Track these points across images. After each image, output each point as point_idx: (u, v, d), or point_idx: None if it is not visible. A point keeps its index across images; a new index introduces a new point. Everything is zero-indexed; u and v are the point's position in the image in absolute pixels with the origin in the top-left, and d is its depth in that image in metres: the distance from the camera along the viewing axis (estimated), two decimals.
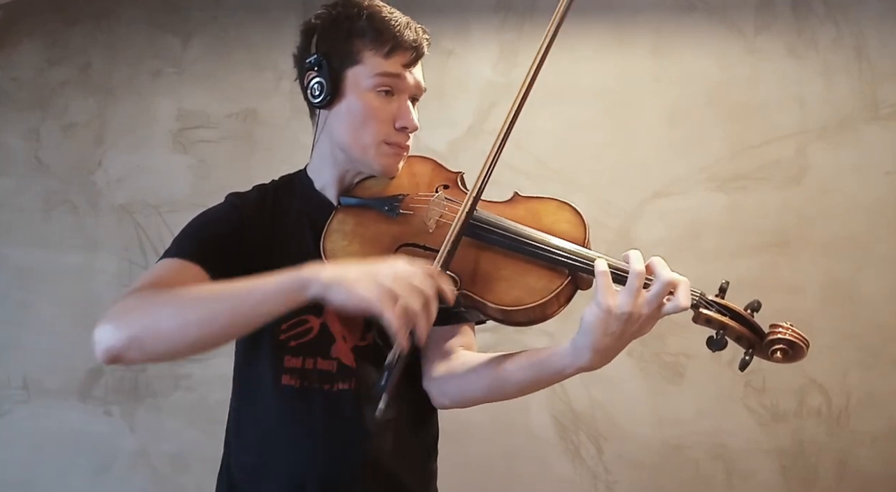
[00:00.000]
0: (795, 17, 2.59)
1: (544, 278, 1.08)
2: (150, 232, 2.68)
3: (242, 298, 0.98)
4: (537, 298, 1.07)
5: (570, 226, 1.14)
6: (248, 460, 1.21)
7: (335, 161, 1.22)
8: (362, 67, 1.16)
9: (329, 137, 1.21)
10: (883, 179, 2.52)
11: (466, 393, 1.18)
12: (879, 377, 2.45)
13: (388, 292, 0.93)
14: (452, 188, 1.22)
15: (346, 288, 0.95)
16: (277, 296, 0.97)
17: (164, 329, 0.99)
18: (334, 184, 1.24)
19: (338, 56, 1.17)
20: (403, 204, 1.18)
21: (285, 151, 2.65)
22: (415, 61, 1.19)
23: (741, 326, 1.06)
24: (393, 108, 1.17)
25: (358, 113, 1.17)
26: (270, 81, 2.70)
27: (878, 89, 2.55)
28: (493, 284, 1.10)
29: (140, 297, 1.04)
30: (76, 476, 2.64)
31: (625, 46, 2.60)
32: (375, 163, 1.19)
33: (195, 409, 2.62)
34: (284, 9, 2.72)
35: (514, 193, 1.21)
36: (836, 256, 2.50)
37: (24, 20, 2.78)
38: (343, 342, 1.19)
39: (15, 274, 2.71)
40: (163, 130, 2.73)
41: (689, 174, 2.57)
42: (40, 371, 2.68)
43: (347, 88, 1.17)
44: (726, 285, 1.10)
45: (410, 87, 1.19)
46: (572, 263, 1.07)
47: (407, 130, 1.19)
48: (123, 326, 1.00)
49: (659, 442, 2.51)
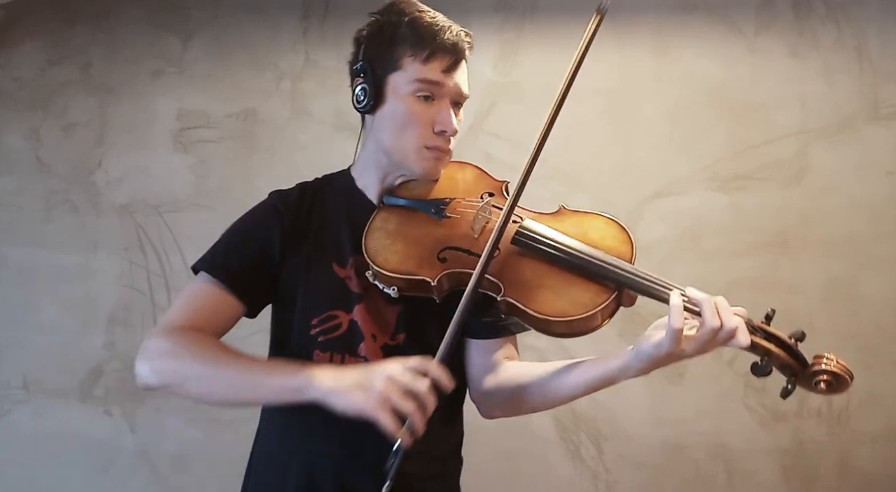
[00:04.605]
0: (796, 17, 2.58)
1: (590, 292, 1.09)
2: (150, 232, 2.68)
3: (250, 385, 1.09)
4: (582, 311, 1.08)
5: (616, 242, 1.15)
6: (270, 449, 1.27)
7: (378, 163, 1.25)
8: (402, 73, 1.19)
9: (373, 140, 1.25)
10: (884, 180, 2.52)
11: (518, 406, 1.23)
12: (880, 377, 2.44)
13: (381, 399, 0.99)
14: (497, 196, 1.24)
15: (343, 397, 1.01)
16: (282, 393, 1.07)
17: (190, 389, 1.12)
18: (377, 184, 1.26)
19: (380, 62, 1.20)
20: (450, 207, 1.20)
21: (285, 150, 2.65)
22: (454, 66, 1.20)
23: (786, 354, 1.08)
24: (432, 113, 1.19)
25: (399, 118, 1.19)
26: (270, 81, 2.70)
27: (879, 89, 2.54)
28: (537, 293, 1.10)
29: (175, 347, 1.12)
30: (76, 476, 2.65)
31: (625, 46, 2.60)
32: (416, 166, 1.22)
33: (195, 409, 2.61)
34: (284, 9, 2.72)
35: (560, 206, 1.23)
36: (836, 256, 2.50)
37: (24, 20, 2.79)
38: (372, 341, 1.20)
39: (15, 274, 2.72)
40: (163, 130, 2.73)
41: (690, 174, 2.56)
42: (40, 371, 2.68)
43: (389, 94, 1.20)
44: (772, 314, 1.11)
45: (451, 91, 1.21)
46: (620, 278, 1.08)
47: (446, 133, 1.20)
48: (158, 373, 1.12)
49: (659, 442, 2.51)
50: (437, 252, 1.16)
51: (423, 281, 1.13)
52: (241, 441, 2.73)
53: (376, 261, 1.15)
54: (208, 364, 1.10)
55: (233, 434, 2.58)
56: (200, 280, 1.20)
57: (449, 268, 1.13)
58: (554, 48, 2.64)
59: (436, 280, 1.13)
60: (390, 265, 1.14)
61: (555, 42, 2.64)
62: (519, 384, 1.21)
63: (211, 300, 1.18)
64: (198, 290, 1.19)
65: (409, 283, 1.14)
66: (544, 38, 2.64)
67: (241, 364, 1.10)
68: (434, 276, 1.13)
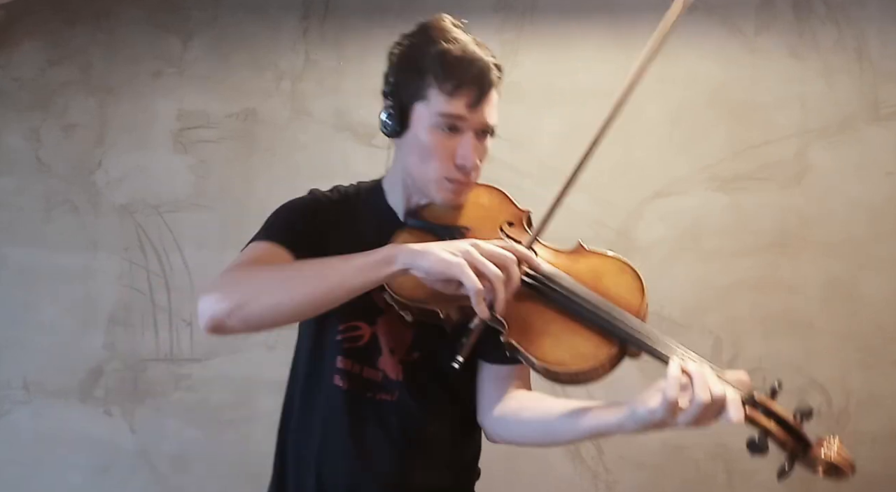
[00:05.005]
0: (796, 18, 2.58)
1: (593, 344, 1.06)
2: (150, 232, 2.68)
3: (338, 272, 1.05)
4: (582, 363, 1.05)
5: (628, 292, 1.11)
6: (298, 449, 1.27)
7: (404, 184, 1.26)
8: (427, 104, 1.17)
9: (400, 162, 1.24)
10: (884, 180, 2.52)
11: (519, 438, 1.22)
12: (880, 377, 2.44)
13: (471, 260, 0.98)
14: (517, 226, 1.23)
15: (432, 254, 1.00)
16: (368, 269, 1.04)
17: (267, 298, 1.05)
18: (402, 203, 1.27)
19: (406, 89, 1.18)
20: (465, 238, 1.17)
21: (285, 150, 2.65)
22: (480, 100, 1.16)
23: (787, 434, 1.00)
24: (454, 145, 1.17)
25: (421, 148, 1.18)
26: (270, 81, 2.70)
27: (879, 90, 2.54)
28: (540, 338, 1.08)
29: (242, 271, 1.10)
30: (76, 476, 2.65)
31: (625, 46, 2.60)
32: (437, 196, 1.21)
33: (195, 409, 2.62)
34: (284, 9, 2.72)
35: (577, 244, 1.20)
36: (836, 256, 2.50)
37: (24, 20, 2.79)
38: (390, 355, 1.21)
39: (15, 274, 2.72)
40: (163, 130, 2.73)
41: (690, 174, 2.56)
42: (40, 371, 2.68)
43: (413, 121, 1.19)
44: (779, 387, 1.03)
45: (475, 124, 1.18)
46: (624, 335, 1.05)
47: (466, 167, 1.18)
48: (230, 296, 1.05)
49: (659, 442, 2.51)
50: None
51: (433, 312, 1.12)
52: (241, 441, 2.76)
53: (391, 285, 1.14)
54: (284, 268, 1.09)
55: (233, 434, 2.58)
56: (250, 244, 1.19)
57: (459, 301, 1.09)
58: (554, 48, 2.64)
59: (444, 313, 1.12)
60: (404, 292, 1.13)
61: (555, 42, 2.64)
62: (520, 419, 1.20)
63: (266, 254, 1.15)
64: (250, 248, 1.17)
65: (421, 311, 1.14)
66: (544, 38, 2.64)
67: (314, 260, 1.08)
68: (443, 308, 1.12)
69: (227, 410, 2.60)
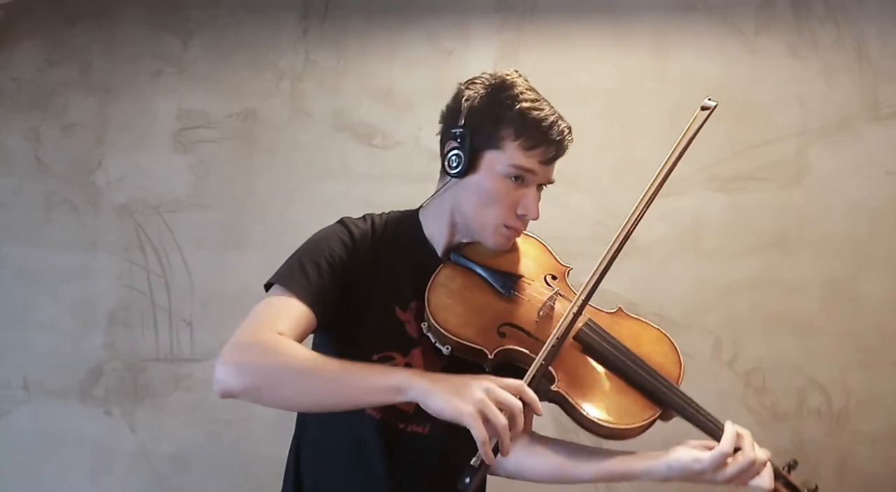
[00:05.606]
0: (796, 17, 2.58)
1: (638, 405, 1.15)
2: (150, 232, 2.68)
3: (350, 385, 1.06)
4: (626, 422, 1.13)
5: (667, 361, 1.21)
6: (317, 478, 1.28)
7: (451, 221, 1.27)
8: (501, 153, 1.20)
9: (453, 199, 1.25)
10: (883, 180, 2.52)
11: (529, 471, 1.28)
12: (880, 377, 2.44)
13: (480, 407, 0.99)
14: (560, 280, 1.27)
15: (442, 399, 1.00)
16: (379, 392, 1.05)
17: (278, 391, 1.08)
18: (445, 238, 1.28)
19: (481, 136, 1.21)
20: (518, 285, 1.22)
21: (285, 150, 2.65)
22: (553, 159, 1.23)
23: None
24: (519, 196, 1.21)
25: (486, 193, 1.21)
26: (270, 81, 2.70)
27: (878, 89, 2.54)
28: (589, 392, 1.15)
29: (262, 346, 1.10)
30: (76, 476, 2.64)
31: (625, 46, 2.60)
32: (490, 240, 1.24)
33: (195, 409, 2.62)
34: (284, 9, 2.72)
35: (618, 308, 1.26)
36: (836, 256, 2.50)
37: (24, 20, 2.79)
38: None
39: (15, 274, 2.72)
40: (163, 130, 2.73)
41: (690, 174, 2.56)
42: (40, 371, 2.68)
43: (482, 167, 1.21)
44: (794, 464, 1.18)
45: (541, 178, 1.22)
46: (669, 400, 1.15)
47: (527, 218, 1.22)
48: (245, 375, 1.08)
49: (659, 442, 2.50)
50: (497, 326, 1.18)
51: (481, 351, 1.15)
52: (241, 441, 2.75)
53: (437, 318, 1.16)
54: (304, 362, 1.08)
55: (233, 434, 2.58)
56: (275, 293, 1.19)
57: (507, 344, 1.15)
58: (554, 48, 2.64)
59: (493, 353, 1.15)
60: (450, 326, 1.16)
61: (555, 42, 2.64)
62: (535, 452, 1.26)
63: (288, 310, 1.16)
64: (274, 301, 1.17)
65: (465, 348, 1.16)
66: (544, 38, 2.64)
67: (336, 363, 1.08)
68: (492, 348, 1.15)
69: (227, 410, 2.59)
